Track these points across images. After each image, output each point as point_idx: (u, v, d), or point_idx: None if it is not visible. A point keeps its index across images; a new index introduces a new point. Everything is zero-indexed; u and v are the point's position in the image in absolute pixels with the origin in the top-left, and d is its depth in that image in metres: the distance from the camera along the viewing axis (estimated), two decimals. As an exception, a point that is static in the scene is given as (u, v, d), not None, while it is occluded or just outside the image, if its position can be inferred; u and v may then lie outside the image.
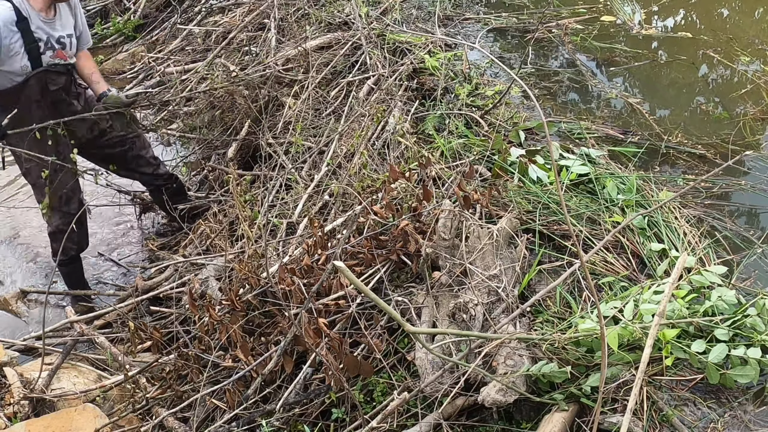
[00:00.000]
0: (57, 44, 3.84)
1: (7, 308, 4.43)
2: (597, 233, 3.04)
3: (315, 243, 3.15)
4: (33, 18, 3.72)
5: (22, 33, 3.67)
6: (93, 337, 3.71)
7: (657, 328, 2.22)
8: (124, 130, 4.17)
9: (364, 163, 3.70)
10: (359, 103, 4.31)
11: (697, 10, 5.67)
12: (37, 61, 3.78)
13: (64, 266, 4.31)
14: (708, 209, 3.29)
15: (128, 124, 4.11)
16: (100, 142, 4.24)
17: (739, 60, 4.65)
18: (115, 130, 4.18)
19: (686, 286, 2.60)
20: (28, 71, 3.77)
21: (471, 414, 2.56)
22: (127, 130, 4.18)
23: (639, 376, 2.13)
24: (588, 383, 2.33)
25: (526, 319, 2.65)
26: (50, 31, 3.80)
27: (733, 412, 2.31)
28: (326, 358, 2.60)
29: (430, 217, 3.04)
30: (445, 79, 4.30)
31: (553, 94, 4.45)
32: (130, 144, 4.33)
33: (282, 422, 2.75)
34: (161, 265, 4.33)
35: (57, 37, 3.83)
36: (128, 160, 4.38)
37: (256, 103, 4.77)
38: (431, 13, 5.37)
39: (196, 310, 3.19)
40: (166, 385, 3.12)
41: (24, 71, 3.76)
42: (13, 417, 3.11)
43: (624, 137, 3.87)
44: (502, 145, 3.57)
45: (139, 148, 4.39)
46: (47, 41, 3.79)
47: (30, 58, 3.74)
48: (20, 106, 3.78)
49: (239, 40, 5.75)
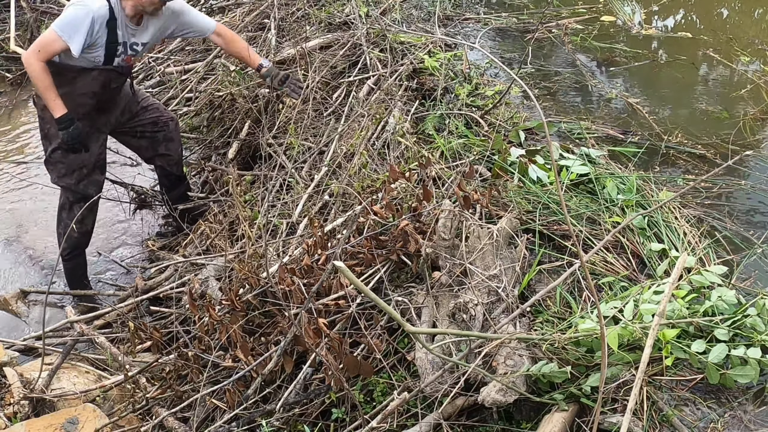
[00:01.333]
0: (130, 50, 4.04)
1: (7, 308, 4.43)
2: (597, 233, 3.04)
3: (315, 243, 3.15)
4: (121, 22, 3.91)
5: (108, 31, 3.87)
6: (93, 337, 3.70)
7: (657, 328, 2.22)
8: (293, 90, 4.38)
9: (364, 163, 3.70)
10: (359, 103, 4.31)
11: (697, 10, 5.67)
12: (110, 60, 3.98)
13: (68, 261, 4.34)
14: (708, 209, 3.29)
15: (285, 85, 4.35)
16: (132, 123, 4.36)
17: (739, 60, 4.65)
18: (285, 95, 4.44)
19: (686, 286, 2.60)
20: (98, 65, 3.96)
21: (471, 414, 2.56)
22: (285, 91, 4.38)
23: (639, 376, 2.13)
24: (588, 383, 2.33)
25: (526, 319, 2.66)
26: (131, 37, 4.00)
27: (733, 412, 2.31)
28: (326, 358, 2.60)
29: (430, 217, 3.04)
30: (445, 79, 4.30)
31: (553, 94, 4.45)
32: (162, 125, 4.42)
33: (282, 422, 2.75)
34: (161, 265, 4.33)
35: (131, 44, 4.03)
36: (158, 142, 4.44)
37: (257, 103, 4.77)
38: (431, 13, 5.37)
39: (196, 310, 3.19)
40: (166, 385, 3.12)
41: (94, 64, 3.95)
42: (13, 417, 3.11)
43: (624, 137, 3.88)
44: (502, 145, 3.57)
45: (172, 130, 4.48)
46: (124, 45, 4.00)
47: (105, 55, 3.94)
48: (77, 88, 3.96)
49: (239, 40, 5.75)
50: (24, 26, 7.14)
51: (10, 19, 7.00)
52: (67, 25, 3.78)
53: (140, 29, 4.03)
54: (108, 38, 3.88)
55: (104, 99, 4.11)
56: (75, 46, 3.77)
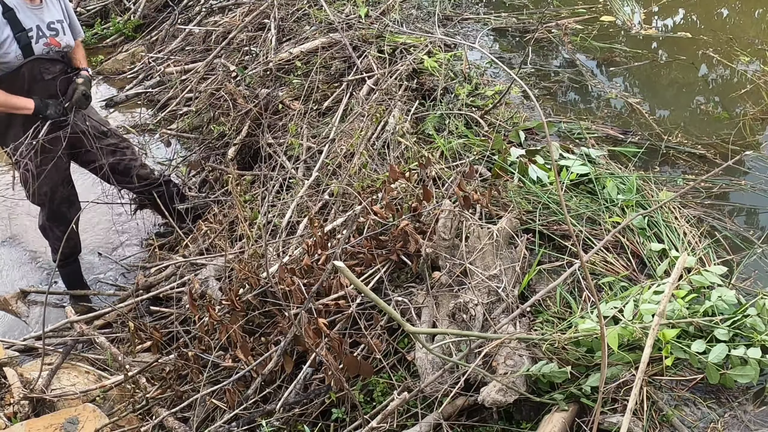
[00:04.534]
0: (48, 30, 3.84)
1: (7, 308, 4.43)
2: (597, 233, 3.04)
3: (315, 243, 3.15)
4: (19, 7, 3.75)
5: (9, 22, 3.71)
6: (93, 337, 3.71)
7: (657, 328, 2.22)
8: (83, 106, 4.04)
9: (364, 163, 3.70)
10: (359, 103, 4.31)
11: (697, 10, 5.67)
12: (29, 50, 3.79)
13: (63, 268, 4.35)
14: (708, 209, 3.29)
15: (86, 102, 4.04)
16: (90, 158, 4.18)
17: (738, 60, 4.65)
18: (80, 106, 4.04)
19: (686, 286, 2.60)
20: (21, 60, 3.79)
21: (471, 414, 2.56)
22: (85, 105, 4.05)
23: (639, 376, 2.13)
24: (588, 383, 2.33)
25: (526, 319, 2.65)
26: (38, 18, 3.81)
27: (733, 412, 2.31)
28: (326, 358, 2.60)
29: (430, 217, 3.04)
30: (445, 79, 4.30)
31: (553, 94, 4.44)
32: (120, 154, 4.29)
33: (282, 422, 2.75)
34: (161, 265, 4.32)
35: (47, 23, 3.84)
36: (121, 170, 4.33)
37: (257, 104, 4.77)
38: (431, 13, 5.37)
39: (196, 310, 3.19)
40: (166, 385, 3.12)
41: (18, 60, 3.78)
42: (13, 417, 3.11)
43: (624, 137, 3.87)
44: (502, 145, 3.57)
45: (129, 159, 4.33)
46: (37, 29, 3.81)
47: (21, 47, 3.76)
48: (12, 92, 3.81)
49: (239, 40, 5.76)
50: None
51: None
52: None
53: (42, 6, 3.84)
54: (13, 30, 3.71)
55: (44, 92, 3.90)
56: None
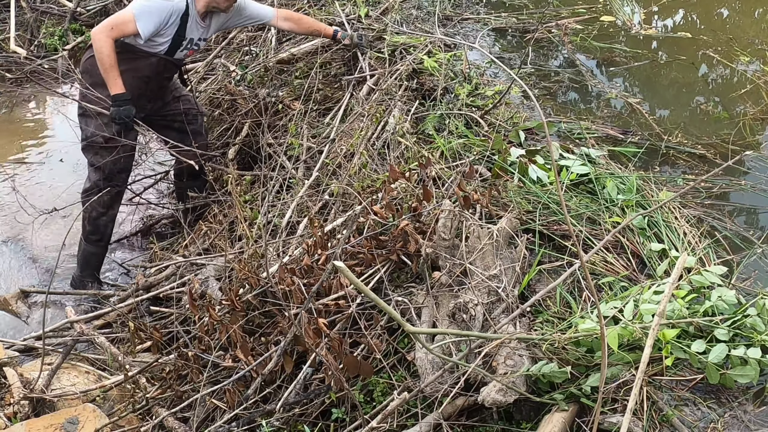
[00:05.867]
0: (194, 45, 4.21)
1: (7, 308, 4.42)
2: (597, 233, 3.04)
3: (315, 243, 3.15)
4: (192, 18, 4.06)
5: (180, 26, 4.03)
6: (93, 337, 3.70)
7: (657, 328, 2.22)
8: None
9: (364, 163, 3.70)
10: (359, 102, 4.31)
11: (697, 10, 5.67)
12: (173, 51, 4.14)
13: (91, 245, 4.41)
14: (708, 209, 3.29)
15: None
16: (164, 111, 4.45)
17: (738, 60, 4.65)
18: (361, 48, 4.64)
19: (686, 286, 2.60)
20: (161, 54, 4.10)
21: (471, 414, 2.56)
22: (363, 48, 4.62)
23: (639, 376, 2.13)
24: (588, 383, 2.33)
25: (526, 319, 2.66)
26: (196, 34, 4.16)
27: (733, 412, 2.31)
28: (326, 358, 2.60)
29: (430, 217, 3.04)
30: (445, 79, 4.30)
31: (553, 94, 4.44)
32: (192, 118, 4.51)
33: (282, 422, 2.75)
34: (161, 265, 4.32)
35: (196, 40, 4.19)
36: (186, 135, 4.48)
37: (257, 104, 4.77)
38: (431, 13, 5.37)
39: (196, 310, 3.19)
40: (166, 385, 3.12)
41: (159, 53, 4.09)
42: (13, 417, 3.11)
43: (624, 137, 3.88)
44: (502, 145, 3.57)
45: (200, 125, 4.59)
46: (190, 41, 4.15)
47: (170, 46, 4.09)
48: (133, 70, 4.06)
49: (239, 40, 5.76)
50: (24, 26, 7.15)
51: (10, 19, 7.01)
52: (145, 11, 3.91)
53: (205, 26, 4.18)
54: (177, 32, 4.02)
55: (154, 86, 4.23)
56: (144, 32, 3.90)
